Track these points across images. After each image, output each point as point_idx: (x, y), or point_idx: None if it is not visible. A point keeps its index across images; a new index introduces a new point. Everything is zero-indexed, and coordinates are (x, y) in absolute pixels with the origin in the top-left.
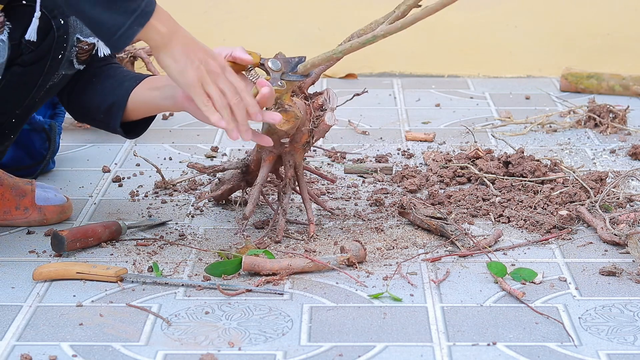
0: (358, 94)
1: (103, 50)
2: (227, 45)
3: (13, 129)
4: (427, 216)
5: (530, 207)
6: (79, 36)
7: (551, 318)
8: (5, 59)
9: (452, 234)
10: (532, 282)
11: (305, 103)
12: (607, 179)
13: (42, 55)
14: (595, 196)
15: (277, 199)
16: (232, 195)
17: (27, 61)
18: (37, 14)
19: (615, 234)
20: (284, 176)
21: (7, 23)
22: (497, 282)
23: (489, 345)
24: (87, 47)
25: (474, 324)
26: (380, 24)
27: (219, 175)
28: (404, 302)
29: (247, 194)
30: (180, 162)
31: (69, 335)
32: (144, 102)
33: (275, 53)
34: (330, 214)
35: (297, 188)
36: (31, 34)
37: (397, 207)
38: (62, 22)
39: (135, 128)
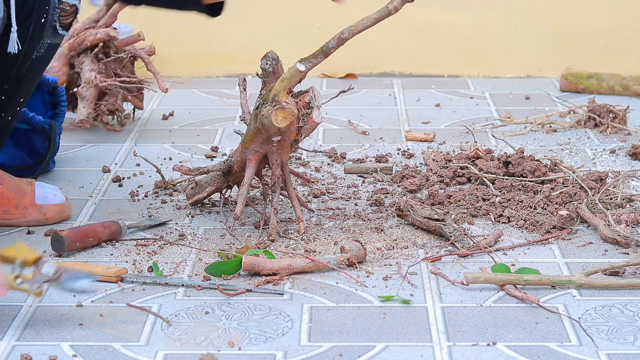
0: (344, 91)
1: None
2: (228, 46)
3: (3, 108)
4: (425, 217)
5: (530, 207)
6: None
7: (575, 321)
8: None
9: (450, 235)
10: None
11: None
12: (607, 179)
13: (24, 17)
14: (593, 195)
15: (263, 199)
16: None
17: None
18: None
19: (617, 233)
20: (271, 175)
21: None
22: (506, 291)
23: (489, 345)
24: (69, 9)
25: (474, 324)
26: (373, 19)
27: (197, 178)
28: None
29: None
30: (180, 162)
31: (69, 335)
32: None
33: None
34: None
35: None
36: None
37: (395, 209)
38: None
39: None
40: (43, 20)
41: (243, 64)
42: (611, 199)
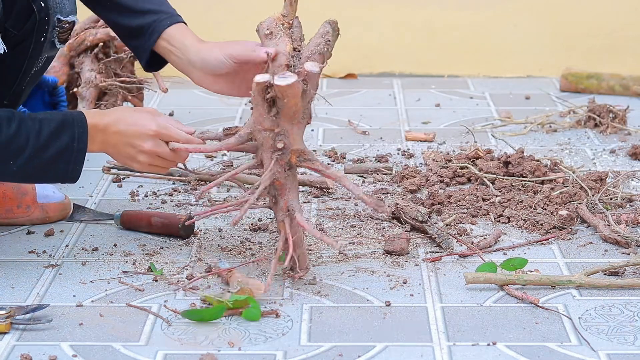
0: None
1: None
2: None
3: None
4: (413, 219)
5: (530, 207)
6: (59, 16)
7: (567, 317)
8: None
9: (435, 236)
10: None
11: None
12: (607, 179)
13: (25, 37)
14: (593, 195)
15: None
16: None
17: (10, 45)
18: None
19: (617, 233)
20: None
21: None
22: (506, 291)
23: (489, 345)
24: (67, 25)
25: (474, 324)
26: None
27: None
28: (404, 302)
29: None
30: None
31: (69, 335)
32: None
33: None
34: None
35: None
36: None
37: (390, 214)
38: (43, 4)
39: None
40: (43, 39)
41: None
42: (611, 199)
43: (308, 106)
